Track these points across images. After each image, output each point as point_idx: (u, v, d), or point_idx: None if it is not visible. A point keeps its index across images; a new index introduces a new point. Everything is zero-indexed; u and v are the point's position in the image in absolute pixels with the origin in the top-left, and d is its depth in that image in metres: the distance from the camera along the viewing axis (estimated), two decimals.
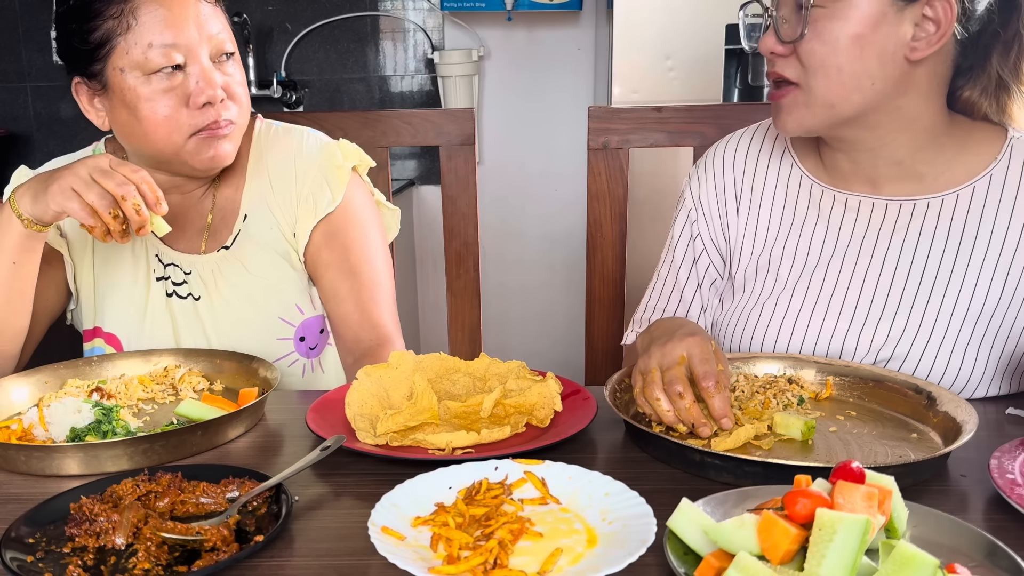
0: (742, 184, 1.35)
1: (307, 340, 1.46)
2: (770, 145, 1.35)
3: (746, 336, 1.29)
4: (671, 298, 1.41)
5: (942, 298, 1.19)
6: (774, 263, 1.30)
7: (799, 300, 1.26)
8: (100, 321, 1.44)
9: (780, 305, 1.27)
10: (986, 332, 1.19)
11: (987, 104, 1.18)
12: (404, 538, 0.80)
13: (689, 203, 1.40)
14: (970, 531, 0.76)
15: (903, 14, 1.10)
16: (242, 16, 3.04)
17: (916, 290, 1.20)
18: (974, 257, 1.19)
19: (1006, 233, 1.18)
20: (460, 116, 1.78)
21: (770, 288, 1.29)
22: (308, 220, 1.41)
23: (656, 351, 1.05)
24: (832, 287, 1.25)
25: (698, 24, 2.50)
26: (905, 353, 1.20)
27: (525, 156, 3.36)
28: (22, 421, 1.09)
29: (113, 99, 1.30)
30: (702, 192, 1.38)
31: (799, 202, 1.29)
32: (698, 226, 1.38)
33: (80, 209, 1.15)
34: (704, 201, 1.38)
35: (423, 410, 1.07)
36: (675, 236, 1.41)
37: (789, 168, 1.32)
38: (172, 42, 1.25)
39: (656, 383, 1.01)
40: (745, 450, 0.98)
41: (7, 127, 3.27)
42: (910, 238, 1.21)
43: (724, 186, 1.36)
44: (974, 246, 1.19)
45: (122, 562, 0.80)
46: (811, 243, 1.27)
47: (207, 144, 1.31)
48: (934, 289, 1.19)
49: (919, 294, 1.20)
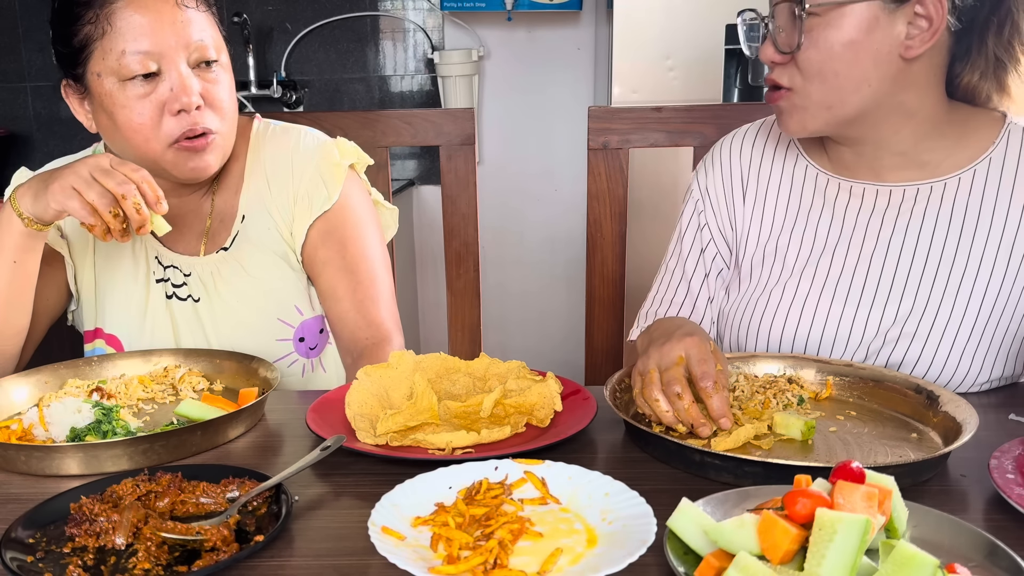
0: (748, 174, 1.37)
1: (307, 340, 1.46)
2: (776, 138, 1.37)
3: (753, 323, 1.31)
4: (679, 289, 1.42)
5: (947, 280, 1.21)
6: (780, 250, 1.31)
7: (806, 286, 1.28)
8: (101, 322, 1.44)
9: (787, 292, 1.28)
10: (992, 313, 1.20)
11: (987, 86, 1.20)
12: (404, 538, 0.80)
13: (696, 194, 1.41)
14: (970, 531, 0.76)
15: (895, 15, 1.11)
16: (242, 16, 3.04)
17: (921, 273, 1.22)
18: (977, 238, 1.21)
19: (1007, 214, 1.20)
20: (460, 116, 1.78)
21: (777, 275, 1.31)
22: (304, 218, 1.41)
23: (654, 352, 1.05)
24: (839, 272, 1.26)
25: (698, 24, 2.50)
26: (912, 334, 1.21)
27: (525, 156, 3.36)
28: (22, 421, 1.09)
29: (95, 103, 1.30)
30: (709, 183, 1.40)
31: (804, 190, 1.32)
32: (705, 216, 1.40)
33: (80, 207, 1.15)
34: (711, 191, 1.39)
35: (423, 410, 1.07)
36: (683, 227, 1.43)
37: (795, 159, 1.34)
38: (146, 49, 1.24)
39: (654, 384, 1.01)
40: (745, 450, 0.98)
41: (7, 127, 3.27)
42: (914, 222, 1.23)
43: (731, 176, 1.38)
44: (976, 227, 1.21)
45: (122, 562, 0.80)
46: (817, 230, 1.29)
47: (186, 156, 1.30)
48: (939, 271, 1.21)
49: (924, 277, 1.22)
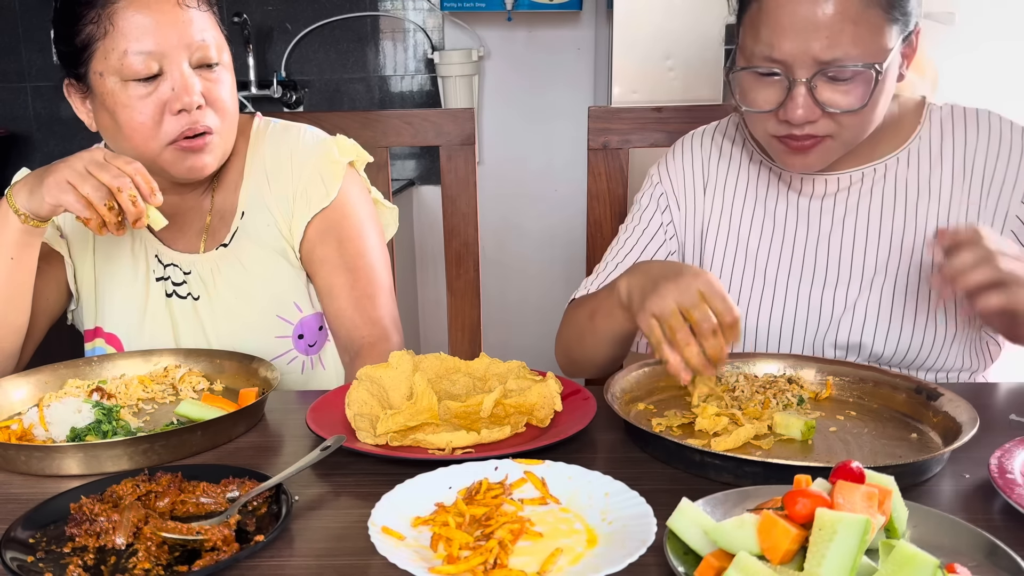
0: (709, 166, 1.41)
1: (306, 338, 1.46)
2: (732, 136, 1.42)
3: None
4: (630, 256, 1.41)
5: (887, 256, 1.28)
6: (743, 238, 1.37)
7: (773, 271, 1.34)
8: (101, 321, 1.44)
9: (755, 278, 1.35)
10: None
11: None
12: (404, 538, 0.80)
13: (657, 179, 1.44)
14: (970, 531, 0.76)
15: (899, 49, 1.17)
16: (242, 16, 3.04)
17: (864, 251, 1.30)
18: (918, 212, 1.28)
19: (940, 188, 1.28)
20: (460, 116, 1.78)
21: (741, 262, 1.36)
22: (303, 215, 1.41)
23: (668, 288, 1.00)
24: (801, 255, 1.33)
25: (698, 24, 2.49)
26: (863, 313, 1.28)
27: (525, 156, 3.35)
28: (22, 421, 1.09)
29: (96, 102, 1.30)
30: (671, 171, 1.43)
31: (759, 180, 1.37)
32: (666, 199, 1.42)
33: (75, 201, 1.15)
34: (674, 179, 1.42)
35: (423, 410, 1.07)
36: (642, 204, 1.44)
37: (750, 155, 1.39)
38: (149, 49, 1.24)
39: (683, 327, 0.99)
40: (745, 450, 0.98)
41: (7, 127, 3.27)
42: (861, 202, 1.30)
43: (692, 168, 1.42)
44: (917, 201, 1.28)
45: (122, 562, 0.80)
46: (775, 216, 1.35)
47: (184, 156, 1.30)
48: (879, 249, 1.29)
49: (866, 255, 1.29)
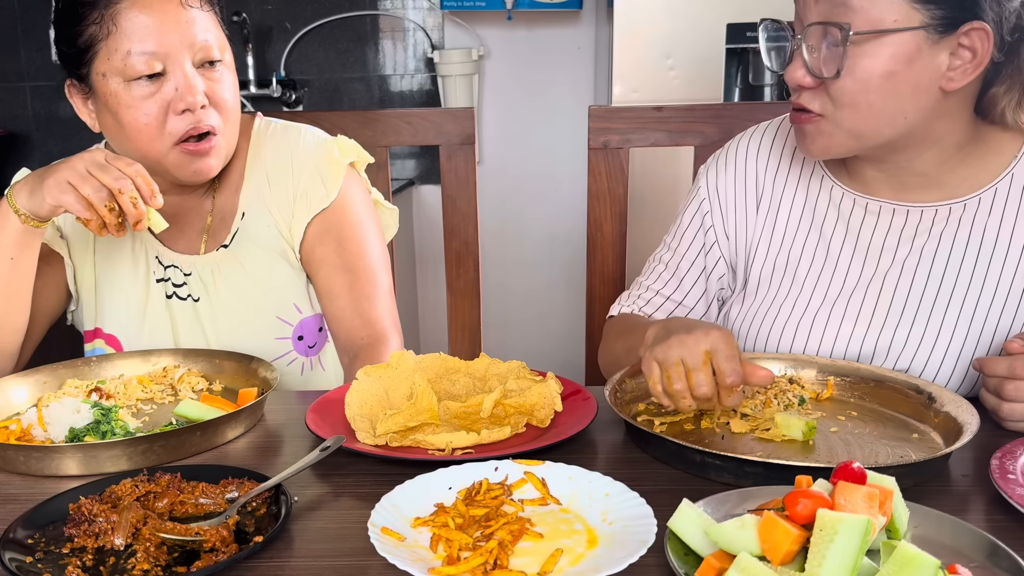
0: (764, 180, 1.31)
1: (305, 339, 1.45)
2: (793, 144, 1.30)
3: (760, 337, 1.27)
4: (669, 283, 1.37)
5: (962, 303, 1.17)
6: (792, 264, 1.27)
7: (817, 302, 1.24)
8: (101, 322, 1.44)
9: (797, 307, 1.25)
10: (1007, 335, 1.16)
11: (1007, 98, 1.14)
12: (404, 539, 0.80)
13: (703, 193, 1.35)
14: (971, 531, 0.76)
15: (938, 46, 1.06)
16: (241, 15, 3.04)
17: (935, 295, 1.18)
18: (994, 260, 1.17)
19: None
20: (460, 116, 1.78)
21: (786, 290, 1.27)
22: (303, 215, 1.41)
23: (677, 343, 1.01)
24: (851, 291, 1.22)
25: (698, 23, 2.49)
26: (911, 356, 1.18)
27: (525, 156, 3.35)
28: (21, 421, 1.09)
29: (99, 103, 1.30)
30: (720, 184, 1.33)
31: (819, 203, 1.27)
32: (711, 217, 1.34)
33: (76, 202, 1.15)
34: (721, 193, 1.33)
35: (423, 410, 1.07)
36: (683, 223, 1.37)
37: (811, 169, 1.29)
38: (152, 50, 1.24)
39: (680, 378, 0.99)
40: (746, 450, 0.98)
41: (6, 127, 3.27)
42: (930, 243, 1.19)
43: (745, 181, 1.32)
44: (994, 249, 1.17)
45: (121, 563, 0.80)
46: (830, 245, 1.25)
47: (190, 159, 1.30)
48: (953, 295, 1.18)
49: (938, 299, 1.18)
